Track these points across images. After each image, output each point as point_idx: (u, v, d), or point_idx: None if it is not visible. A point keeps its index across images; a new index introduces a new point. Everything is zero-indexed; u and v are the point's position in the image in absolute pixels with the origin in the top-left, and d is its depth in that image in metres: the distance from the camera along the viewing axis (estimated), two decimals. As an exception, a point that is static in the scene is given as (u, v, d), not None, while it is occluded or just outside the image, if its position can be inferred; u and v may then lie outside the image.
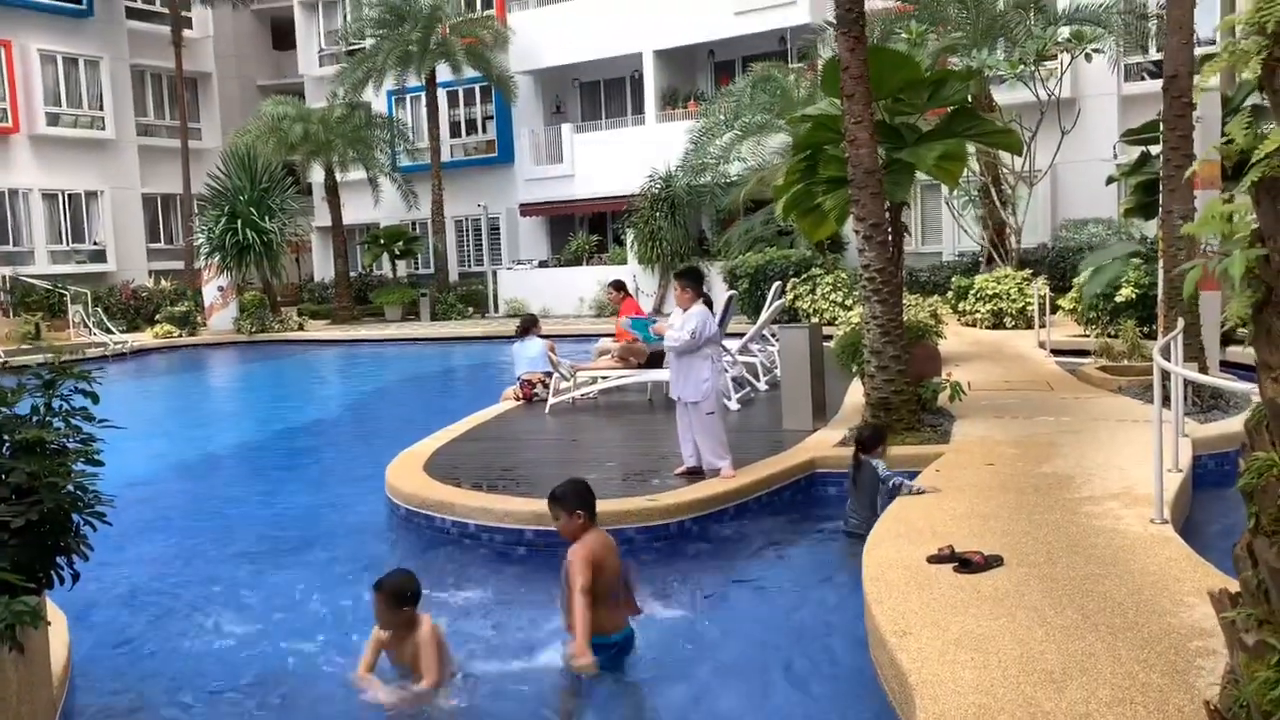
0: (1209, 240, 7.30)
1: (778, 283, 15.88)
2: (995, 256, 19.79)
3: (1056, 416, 9.18)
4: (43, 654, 4.21)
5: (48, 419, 3.86)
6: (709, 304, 10.96)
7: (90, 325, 25.14)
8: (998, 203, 19.56)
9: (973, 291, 18.33)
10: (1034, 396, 10.42)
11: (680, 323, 7.74)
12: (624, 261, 26.99)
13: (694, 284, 7.87)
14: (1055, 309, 15.99)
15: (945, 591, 4.85)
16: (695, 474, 7.87)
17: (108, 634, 5.96)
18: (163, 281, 29.52)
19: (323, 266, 34.23)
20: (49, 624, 4.34)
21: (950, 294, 19.23)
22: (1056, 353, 14.04)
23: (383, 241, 30.01)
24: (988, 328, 17.80)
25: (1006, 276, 18.18)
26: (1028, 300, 17.39)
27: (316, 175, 30.37)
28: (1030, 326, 16.84)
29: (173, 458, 11.96)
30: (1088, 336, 14.41)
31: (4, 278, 27.68)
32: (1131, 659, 3.95)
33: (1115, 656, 3.97)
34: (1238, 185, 1.59)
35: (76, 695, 4.87)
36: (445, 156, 29.82)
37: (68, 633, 5.05)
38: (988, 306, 17.97)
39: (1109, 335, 13.49)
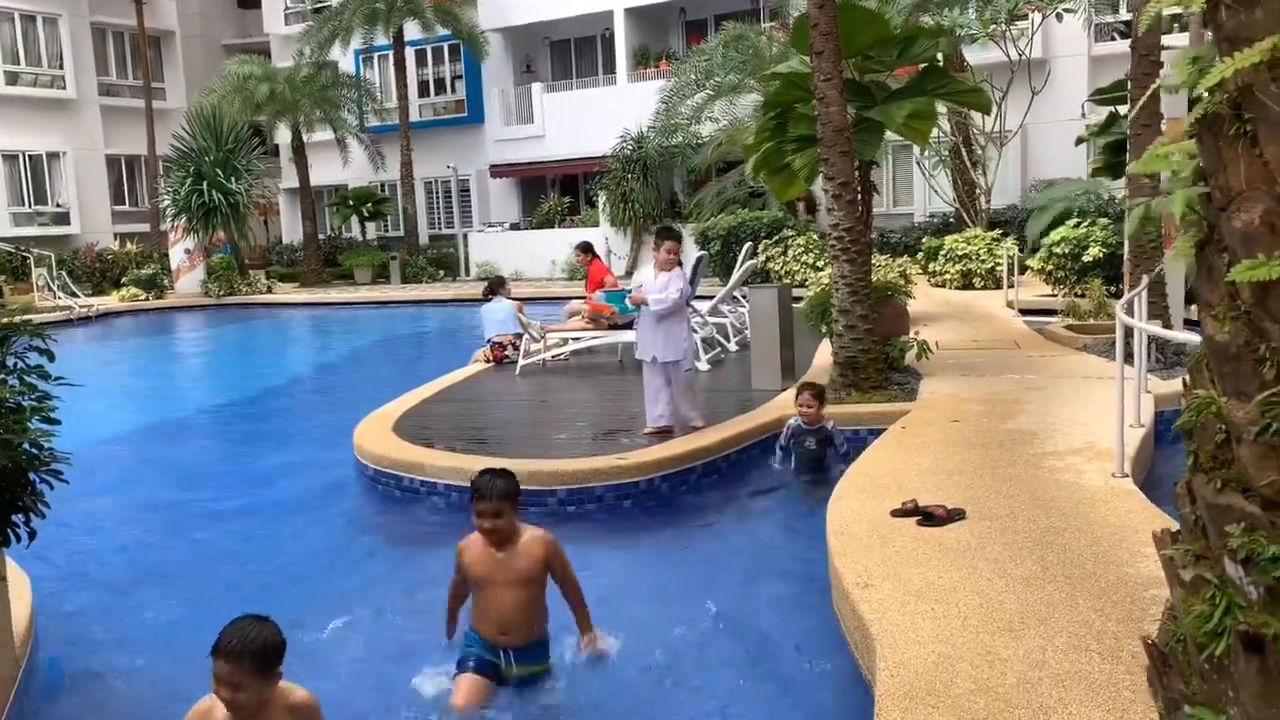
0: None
1: (749, 244, 15.86)
2: (965, 217, 19.86)
3: (1022, 374, 9.26)
4: (2, 611, 4.18)
5: (2, 377, 3.80)
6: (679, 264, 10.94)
7: (55, 288, 24.77)
8: (968, 163, 19.61)
9: (943, 252, 18.41)
10: (1001, 355, 10.51)
11: (664, 284, 7.80)
12: (596, 224, 26.87)
13: (674, 243, 7.98)
14: (1024, 269, 16.09)
15: (908, 544, 4.91)
16: (666, 433, 7.92)
17: (73, 594, 5.93)
18: (128, 244, 29.09)
19: (291, 229, 33.84)
20: (4, 581, 4.31)
21: (921, 255, 19.29)
22: (1024, 312, 14.15)
23: (351, 203, 29.70)
24: (957, 288, 17.89)
25: (976, 237, 18.26)
26: (997, 261, 17.49)
27: (283, 136, 29.93)
28: (999, 287, 16.95)
29: (141, 421, 11.86)
30: (1055, 296, 14.51)
31: (-36, 240, 27.20)
32: (1088, 607, 4.01)
33: (1073, 605, 4.03)
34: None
35: (40, 654, 4.84)
36: (414, 116, 29.48)
37: (30, 593, 5.01)
38: (957, 267, 18.06)
39: (1076, 295, 13.60)
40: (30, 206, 30.00)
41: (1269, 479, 1.32)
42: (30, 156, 29.92)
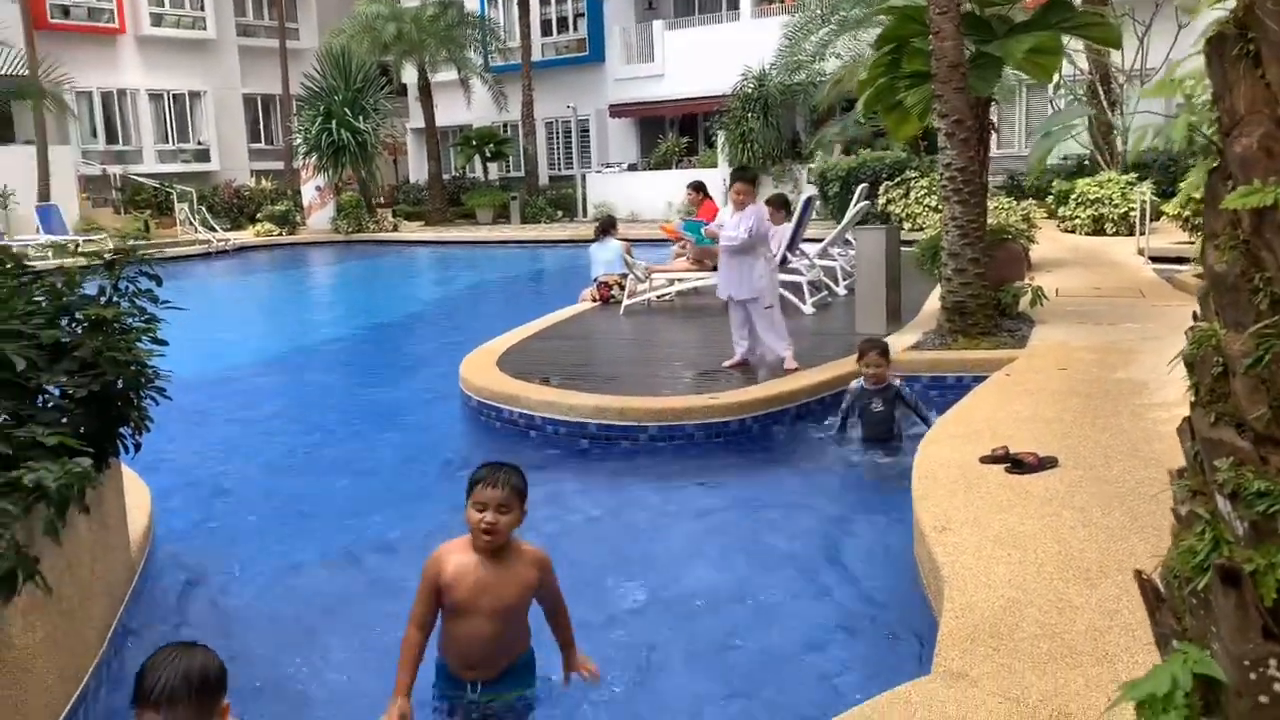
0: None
1: (864, 185, 15.51)
2: (1100, 160, 18.93)
3: (1142, 324, 8.87)
4: (118, 519, 4.50)
5: (114, 299, 4.05)
6: (785, 208, 10.84)
7: (195, 223, 26.00)
8: (1105, 103, 18.63)
9: (1073, 196, 17.62)
10: (1123, 303, 10.06)
11: (736, 221, 7.84)
12: (714, 165, 26.62)
13: (747, 184, 8.06)
14: (1159, 215, 15.28)
15: (992, 491, 4.81)
16: (742, 367, 8.18)
17: (194, 506, 6.32)
18: (263, 181, 30.27)
19: (417, 168, 34.59)
20: (123, 494, 4.64)
21: (1050, 199, 18.52)
22: (1156, 260, 13.49)
23: (474, 143, 30.14)
24: (1087, 234, 17.14)
25: (1110, 181, 17.40)
26: (1131, 206, 16.66)
27: (410, 76, 30.50)
28: (1133, 234, 16.17)
29: (270, 348, 12.46)
30: (1191, 244, 13.75)
31: (115, 176, 28.73)
32: (1152, 559, 3.88)
33: (1157, 556, 3.89)
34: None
35: (157, 561, 5.20)
36: (536, 56, 29.60)
37: (150, 503, 5.37)
38: (1088, 212, 17.27)
39: (1212, 242, 12.86)
40: (174, 144, 31.46)
41: (1259, 412, 1.26)
42: (174, 96, 31.29)
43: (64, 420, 3.57)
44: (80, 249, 4.54)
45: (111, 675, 4.08)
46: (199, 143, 32.05)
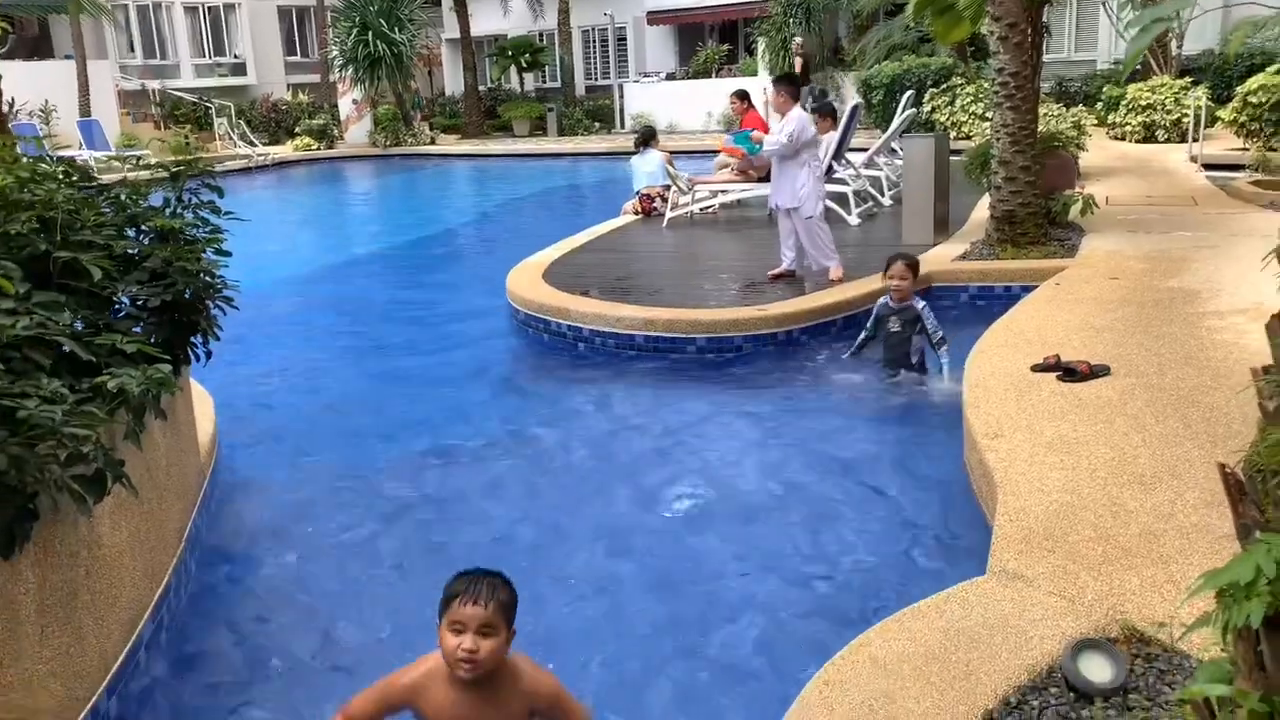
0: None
1: (910, 92, 15.17)
2: (1153, 63, 18.33)
3: (1195, 232, 8.72)
4: (188, 426, 4.65)
5: (178, 210, 4.12)
6: (832, 116, 10.70)
7: (235, 137, 26.02)
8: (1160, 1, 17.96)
9: (1124, 102, 17.13)
10: (1175, 212, 9.87)
11: (779, 127, 7.77)
12: (754, 73, 26.08)
13: (791, 89, 7.95)
14: (1214, 121, 14.85)
15: (1045, 398, 4.83)
16: (786, 277, 8.15)
17: (254, 415, 6.49)
18: (300, 95, 30.13)
19: (453, 81, 34.21)
20: (191, 403, 4.78)
21: (1101, 105, 18.03)
22: (1209, 167, 13.16)
23: (510, 54, 29.73)
24: (1138, 141, 16.71)
25: (1163, 85, 16.88)
26: (1184, 112, 16.18)
27: (444, -15, 30.01)
28: (1185, 140, 15.75)
29: (314, 263, 12.58)
30: (1246, 150, 13.41)
31: (154, 91, 28.74)
32: (1230, 460, 3.90)
33: (1210, 463, 3.92)
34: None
35: (223, 467, 5.37)
36: (572, -39, 28.96)
37: (214, 412, 5.53)
38: (1140, 118, 16.81)
39: (1269, 148, 12.53)
40: (210, 58, 31.32)
41: (1357, 304, 1.27)
42: (208, 8, 31.05)
43: (139, 329, 3.67)
44: (141, 162, 4.61)
45: (189, 574, 4.26)
46: (235, 56, 31.89)
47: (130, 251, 3.88)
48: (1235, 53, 13.29)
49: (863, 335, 6.56)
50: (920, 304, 6.33)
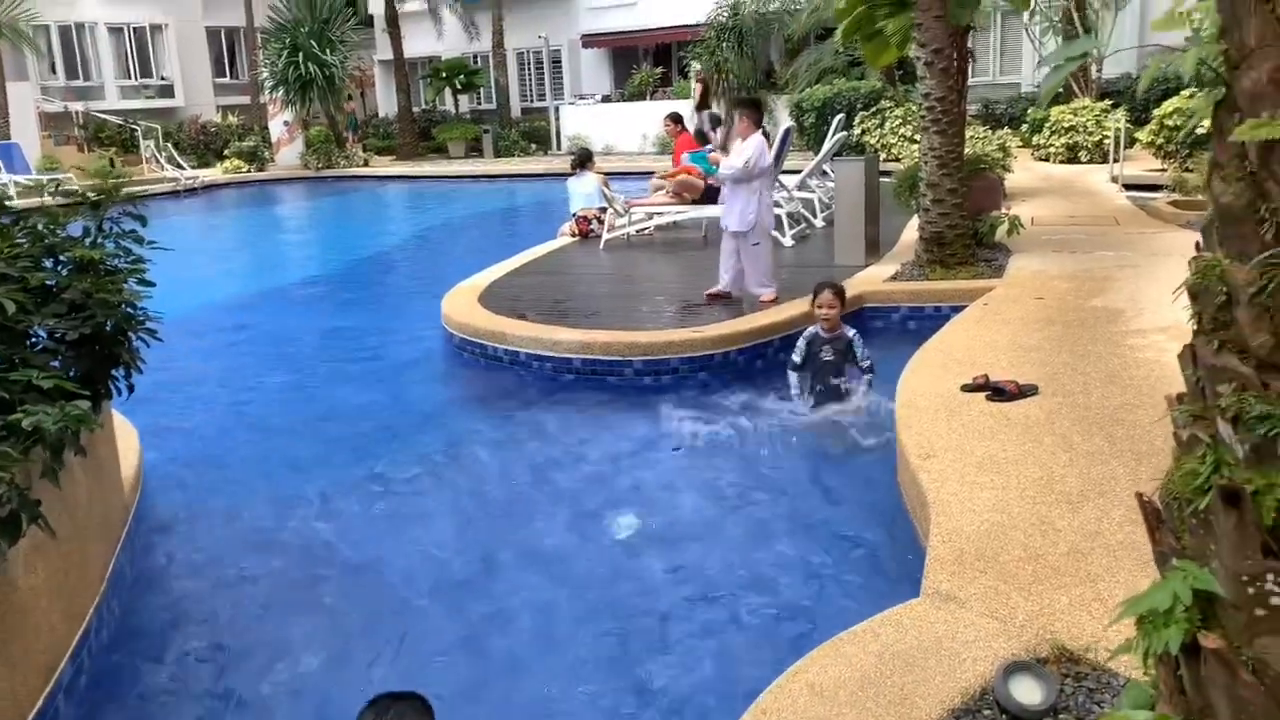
0: None
1: (840, 116, 15.43)
2: (1074, 87, 18.88)
3: (1117, 251, 8.96)
4: (111, 461, 4.52)
5: (99, 240, 4.02)
6: (766, 137, 10.81)
7: (162, 160, 25.51)
8: (1080, 30, 18.52)
9: (1048, 124, 17.62)
10: (1098, 232, 10.15)
11: (738, 150, 7.84)
12: (688, 95, 26.30)
13: (753, 114, 8.03)
14: (1133, 142, 15.32)
15: (975, 418, 4.91)
16: (722, 298, 8.21)
17: (179, 447, 6.33)
18: (230, 117, 29.68)
19: (386, 102, 33.99)
20: (114, 437, 4.65)
21: (1025, 127, 18.50)
22: (1130, 188, 13.55)
23: (444, 75, 29.61)
24: (1062, 162, 17.18)
25: (1085, 108, 17.39)
26: (1105, 133, 16.68)
27: (376, 6, 29.82)
28: (1106, 161, 16.22)
29: (243, 288, 12.36)
30: (1164, 171, 13.84)
31: (77, 113, 28.08)
32: (1153, 481, 3.98)
33: (1135, 480, 4.02)
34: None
35: (148, 502, 5.23)
36: (506, -15, 29.01)
37: (138, 445, 5.39)
38: (1063, 140, 17.29)
39: (1185, 169, 12.94)
40: (136, 79, 30.72)
41: (1261, 340, 1.31)
42: (134, 29, 30.48)
43: (56, 363, 3.56)
44: (61, 188, 4.47)
45: (111, 615, 4.13)
46: (162, 78, 31.32)
47: (48, 283, 3.77)
48: (1145, 89, 13.77)
49: (796, 367, 6.41)
50: (851, 332, 6.33)
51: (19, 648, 3.16)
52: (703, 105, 22.67)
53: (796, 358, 6.40)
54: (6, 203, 4.12)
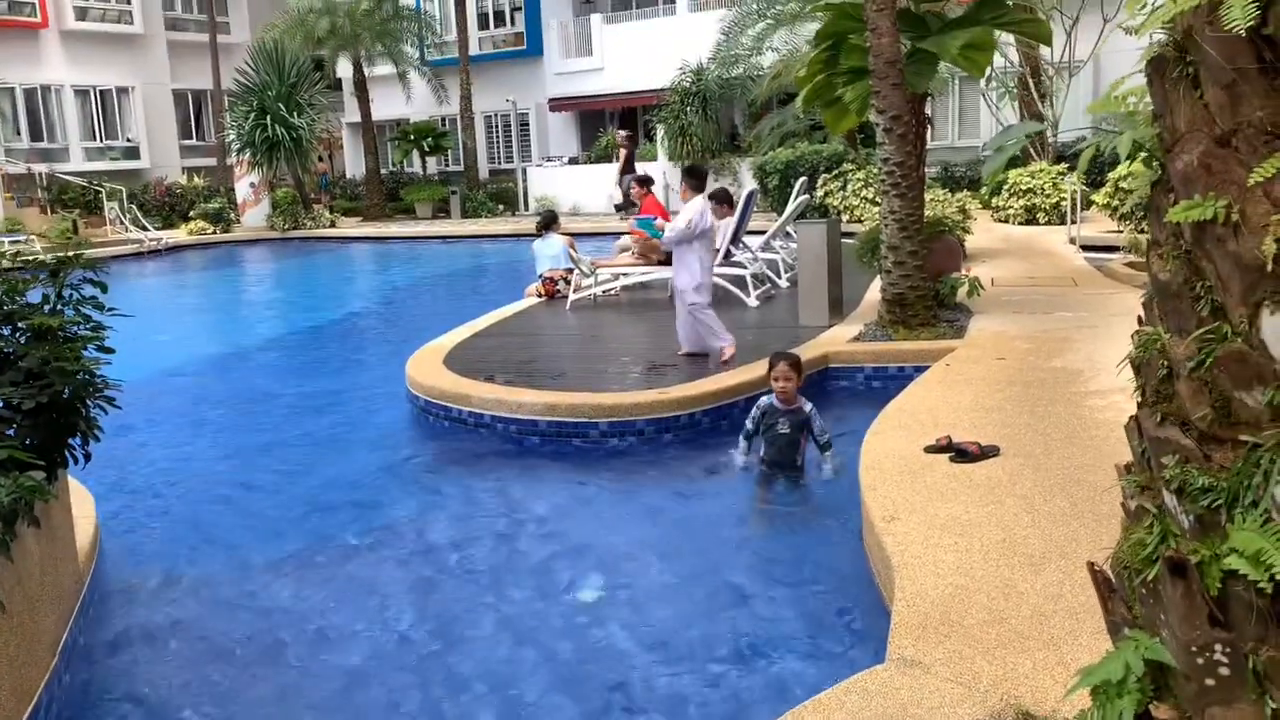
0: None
1: (803, 178, 15.68)
2: (1031, 150, 19.34)
3: (1075, 312, 9.12)
4: (65, 530, 4.43)
5: (58, 307, 3.99)
6: (728, 202, 10.98)
7: (126, 222, 25.38)
8: (1035, 95, 19.03)
9: (1006, 187, 17.99)
10: (1056, 292, 10.33)
11: (682, 214, 8.01)
12: (654, 158, 26.66)
13: (694, 181, 8.28)
14: (1090, 204, 15.67)
15: (938, 480, 4.94)
16: (696, 355, 8.38)
17: (136, 514, 6.23)
18: (196, 178, 29.63)
19: (354, 163, 34.12)
20: (66, 500, 4.57)
21: (984, 190, 18.88)
22: (1087, 249, 13.84)
23: (413, 138, 29.81)
24: (1021, 224, 17.52)
25: (1041, 171, 17.80)
26: (1062, 196, 17.06)
27: (345, 70, 30.07)
28: (1065, 222, 16.56)
29: (207, 350, 12.26)
30: (1120, 232, 14.15)
31: (41, 175, 27.94)
32: (1113, 543, 4.02)
33: (1096, 541, 4.04)
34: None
35: (104, 571, 5.13)
36: (474, 49, 29.36)
37: (95, 512, 5.30)
38: (1021, 202, 17.64)
39: (1140, 231, 13.24)
40: (101, 141, 30.64)
41: (1202, 413, 1.35)
42: (100, 91, 30.48)
43: (11, 432, 3.51)
44: (18, 253, 4.40)
45: (63, 689, 4.03)
46: (128, 140, 31.26)
47: (5, 351, 3.73)
48: (1084, 169, 14.21)
49: (747, 434, 6.31)
50: (808, 406, 6.20)
51: (-36, 727, 3.07)
52: (627, 169, 23.23)
53: (750, 424, 6.29)
54: (-35, 269, 4.09)
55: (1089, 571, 1.51)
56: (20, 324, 3.92)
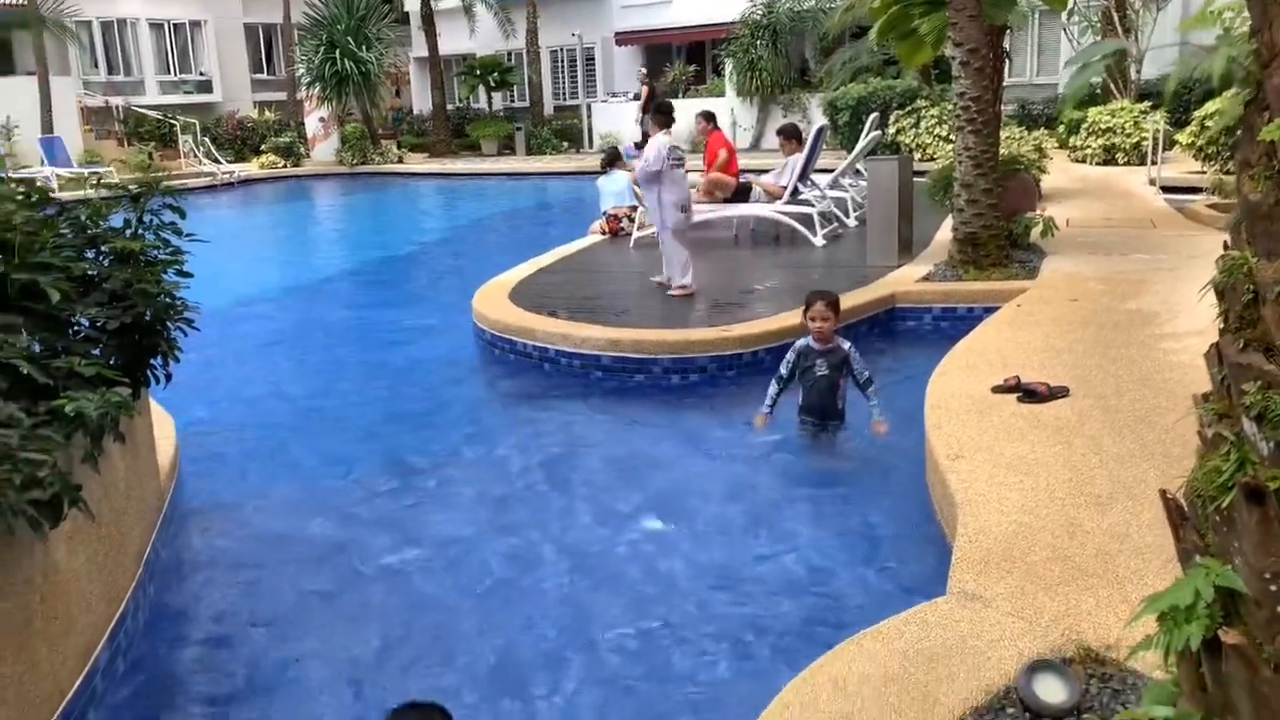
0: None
1: (875, 115, 15.35)
2: (1113, 88, 18.68)
3: (1153, 254, 8.88)
4: (148, 448, 4.60)
5: (139, 231, 4.10)
6: (797, 138, 10.82)
7: (199, 155, 25.84)
8: (1120, 29, 18.33)
9: (1085, 125, 17.44)
10: (1134, 234, 10.05)
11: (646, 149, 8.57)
12: (721, 93, 26.31)
13: (660, 117, 8.72)
14: (1173, 145, 15.14)
15: (1005, 420, 4.89)
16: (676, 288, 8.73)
17: (212, 438, 6.43)
18: (266, 113, 29.98)
19: (421, 99, 34.19)
20: (151, 424, 4.74)
21: (1062, 128, 18.33)
22: (1168, 190, 13.41)
23: (478, 73, 29.74)
24: (1099, 164, 17.00)
25: (1123, 109, 17.20)
26: (1143, 135, 16.49)
27: (412, 4, 30.04)
28: (1145, 163, 16.03)
29: (278, 282, 12.50)
30: (1204, 173, 13.67)
31: (117, 108, 28.49)
32: (1179, 480, 3.96)
33: (1165, 482, 3.96)
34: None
35: (183, 488, 5.32)
36: (541, -17, 29.11)
37: (174, 432, 5.48)
38: (1100, 141, 17.10)
39: (1225, 172, 12.77)
40: (175, 75, 31.12)
41: (1287, 337, 1.32)
42: (174, 25, 30.88)
43: (97, 351, 3.64)
44: (101, 181, 4.58)
45: (147, 597, 4.21)
46: (201, 74, 31.70)
47: (90, 273, 3.85)
48: (1172, 91, 13.51)
49: (779, 381, 5.88)
50: (846, 345, 5.83)
51: (59, 627, 3.23)
52: (647, 107, 22.99)
53: (783, 369, 5.89)
54: (51, 198, 4.20)
55: (1161, 499, 1.50)
56: (104, 247, 4.04)
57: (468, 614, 4.18)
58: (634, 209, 11.94)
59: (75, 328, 3.75)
